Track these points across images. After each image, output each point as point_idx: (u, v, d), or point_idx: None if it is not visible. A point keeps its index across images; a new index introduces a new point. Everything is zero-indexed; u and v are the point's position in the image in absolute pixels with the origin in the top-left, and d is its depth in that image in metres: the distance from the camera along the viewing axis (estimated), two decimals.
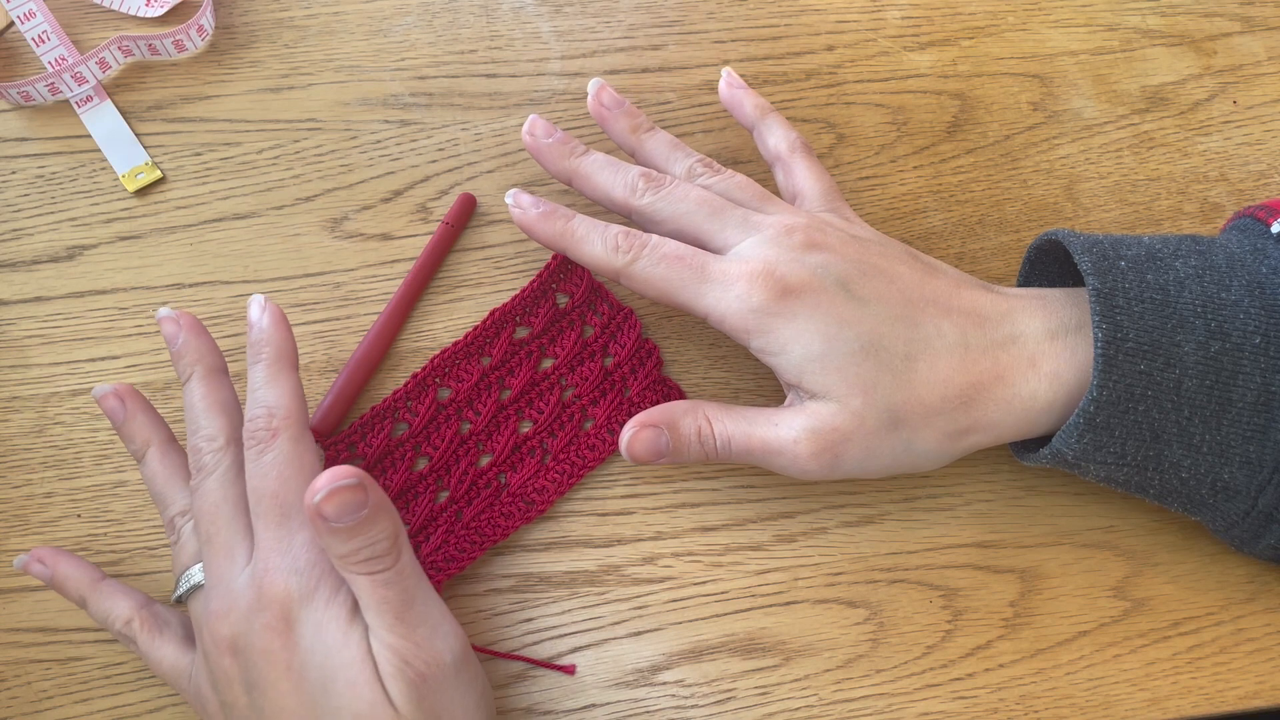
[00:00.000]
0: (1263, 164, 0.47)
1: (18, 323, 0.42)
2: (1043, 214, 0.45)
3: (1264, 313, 0.33)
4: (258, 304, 0.35)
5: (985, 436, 0.35)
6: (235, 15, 0.47)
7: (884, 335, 0.34)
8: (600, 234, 0.37)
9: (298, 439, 0.33)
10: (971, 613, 0.39)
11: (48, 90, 0.44)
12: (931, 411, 0.34)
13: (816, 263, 0.35)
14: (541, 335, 0.41)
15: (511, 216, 0.39)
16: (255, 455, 0.33)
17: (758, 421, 0.36)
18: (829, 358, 0.34)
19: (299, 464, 0.33)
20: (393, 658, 0.31)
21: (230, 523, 0.33)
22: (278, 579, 0.32)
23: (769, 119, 0.42)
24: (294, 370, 0.35)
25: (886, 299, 0.35)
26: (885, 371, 0.34)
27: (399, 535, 0.32)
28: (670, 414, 0.36)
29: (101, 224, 0.43)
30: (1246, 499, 0.34)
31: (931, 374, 0.34)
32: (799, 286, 0.34)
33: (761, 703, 0.38)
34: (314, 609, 0.31)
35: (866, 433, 0.34)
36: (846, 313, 0.34)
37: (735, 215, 0.37)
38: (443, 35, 0.47)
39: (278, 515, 0.32)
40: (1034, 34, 0.49)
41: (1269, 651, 0.39)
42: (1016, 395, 0.35)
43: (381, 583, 0.31)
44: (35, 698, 0.37)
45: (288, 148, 0.45)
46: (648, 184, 0.38)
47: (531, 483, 0.40)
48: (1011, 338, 0.35)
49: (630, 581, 0.39)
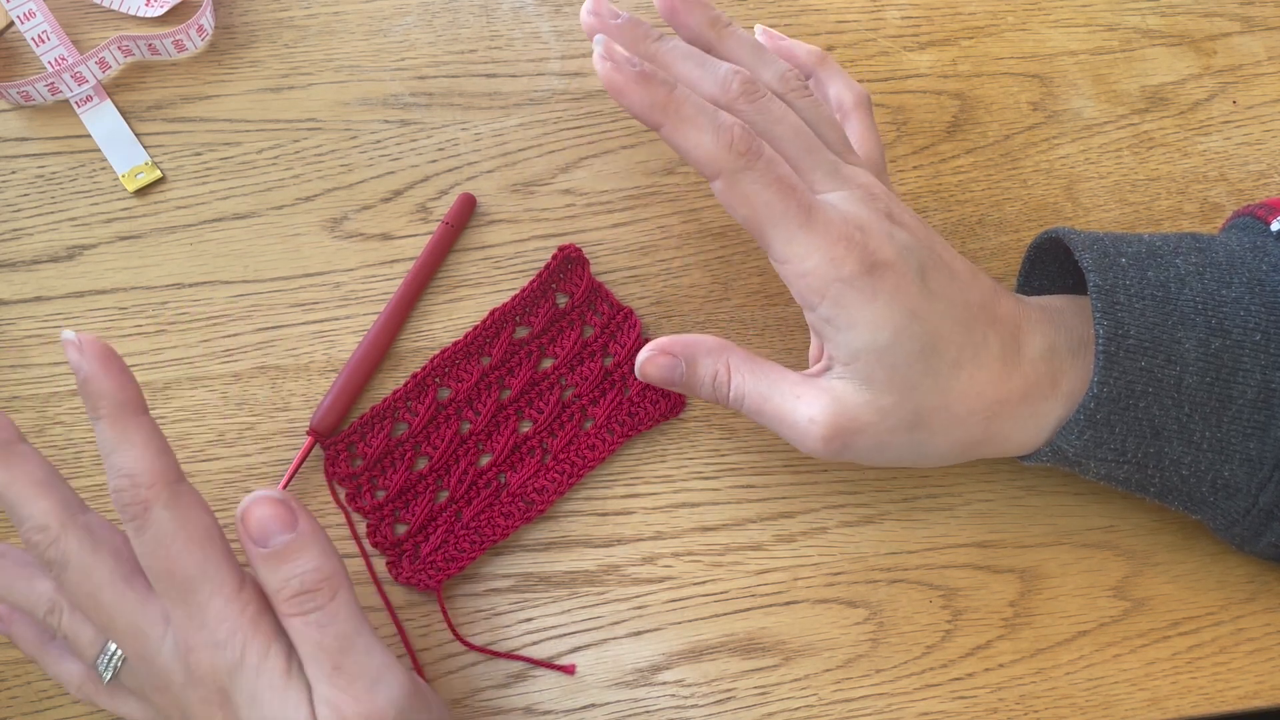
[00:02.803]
0: (1263, 164, 0.47)
1: (18, 323, 0.42)
2: (1043, 214, 0.45)
3: (1264, 310, 0.33)
4: (73, 345, 0.29)
5: (992, 450, 0.35)
6: (235, 15, 0.47)
7: (943, 338, 0.33)
8: (713, 121, 0.32)
9: (172, 502, 0.29)
10: (971, 613, 0.39)
11: (48, 90, 0.44)
12: (954, 421, 0.34)
13: (903, 242, 0.33)
14: (541, 335, 0.41)
15: (597, 70, 0.32)
16: (134, 532, 0.29)
17: (779, 387, 0.34)
18: (890, 352, 0.32)
19: (185, 531, 0.30)
20: (332, 715, 0.29)
21: (119, 604, 0.30)
22: (202, 657, 0.29)
23: (829, 66, 0.39)
24: (143, 417, 0.30)
25: (950, 296, 0.33)
26: (930, 376, 0.33)
27: (334, 573, 0.30)
28: (693, 348, 0.35)
29: (101, 224, 0.43)
30: (1247, 496, 0.34)
31: (970, 386, 0.33)
32: (886, 263, 0.32)
33: (761, 702, 0.37)
34: (245, 677, 0.29)
35: (884, 429, 0.33)
36: (919, 304, 0.32)
37: (827, 159, 0.34)
38: (443, 35, 0.47)
39: (181, 593, 0.29)
40: (1034, 34, 0.49)
41: (1269, 651, 0.39)
42: (1034, 414, 0.34)
43: (315, 624, 0.29)
44: (35, 698, 0.37)
45: (288, 148, 0.45)
46: (744, 88, 0.33)
47: (531, 483, 0.39)
48: (1041, 354, 0.34)
49: (630, 581, 0.39)
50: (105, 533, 0.31)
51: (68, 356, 0.29)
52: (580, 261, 0.42)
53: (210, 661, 0.29)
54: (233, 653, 0.29)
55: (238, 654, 0.29)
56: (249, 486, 0.39)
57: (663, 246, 0.44)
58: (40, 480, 0.31)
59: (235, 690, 0.29)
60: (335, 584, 0.30)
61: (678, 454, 0.41)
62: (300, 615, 0.29)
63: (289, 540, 0.29)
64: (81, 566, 0.30)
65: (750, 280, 0.43)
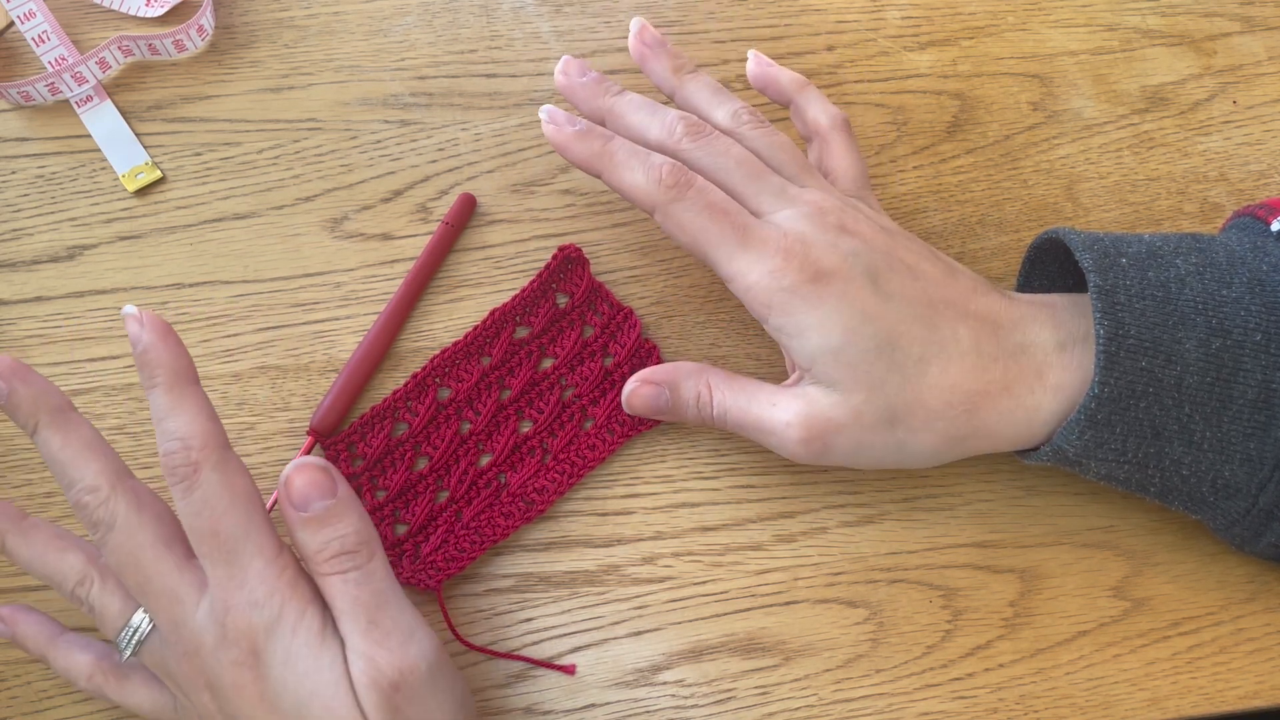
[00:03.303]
0: (1263, 164, 0.47)
1: (18, 323, 0.42)
2: (1043, 214, 0.45)
3: (1265, 310, 0.33)
4: (134, 318, 0.31)
5: (982, 444, 0.35)
6: (235, 15, 0.47)
7: (902, 335, 0.34)
8: (643, 162, 0.35)
9: (221, 465, 0.31)
10: (971, 613, 0.39)
11: (48, 90, 0.44)
12: (933, 415, 0.34)
13: (848, 249, 0.34)
14: (541, 335, 0.41)
15: (545, 134, 0.37)
16: (182, 494, 0.31)
17: (757, 398, 0.36)
18: (844, 352, 0.34)
19: (231, 493, 0.31)
20: (367, 667, 0.30)
21: (159, 565, 0.31)
22: (239, 616, 0.30)
23: (808, 92, 0.41)
24: (195, 387, 0.32)
25: (909, 297, 0.35)
26: (895, 372, 0.34)
27: (371, 538, 0.31)
28: (674, 374, 0.38)
29: (101, 224, 0.43)
30: (1247, 497, 0.34)
31: (941, 379, 0.34)
32: (829, 271, 0.34)
33: (761, 703, 0.37)
34: (280, 638, 0.30)
35: (861, 427, 0.34)
36: (870, 306, 0.34)
37: (773, 183, 0.36)
38: (443, 35, 0.47)
39: (224, 553, 0.31)
40: (1034, 34, 0.49)
41: (1269, 651, 0.39)
42: (1020, 406, 0.34)
43: (354, 582, 0.31)
44: (35, 698, 0.37)
45: (288, 148, 0.45)
46: (687, 129, 0.36)
47: (531, 483, 0.39)
48: (1022, 347, 0.35)
49: (630, 581, 0.39)
50: (149, 498, 0.33)
51: (128, 329, 0.31)
52: (580, 261, 0.42)
53: (248, 620, 0.30)
54: (271, 612, 0.30)
55: (275, 613, 0.30)
56: None
57: (663, 246, 0.44)
58: (92, 444, 0.32)
59: (269, 650, 0.30)
60: (373, 547, 0.31)
61: (678, 454, 0.41)
62: (340, 574, 0.31)
63: (330, 505, 0.31)
64: (127, 526, 0.31)
65: None
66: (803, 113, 0.41)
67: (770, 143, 0.38)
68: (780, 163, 0.37)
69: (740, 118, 0.38)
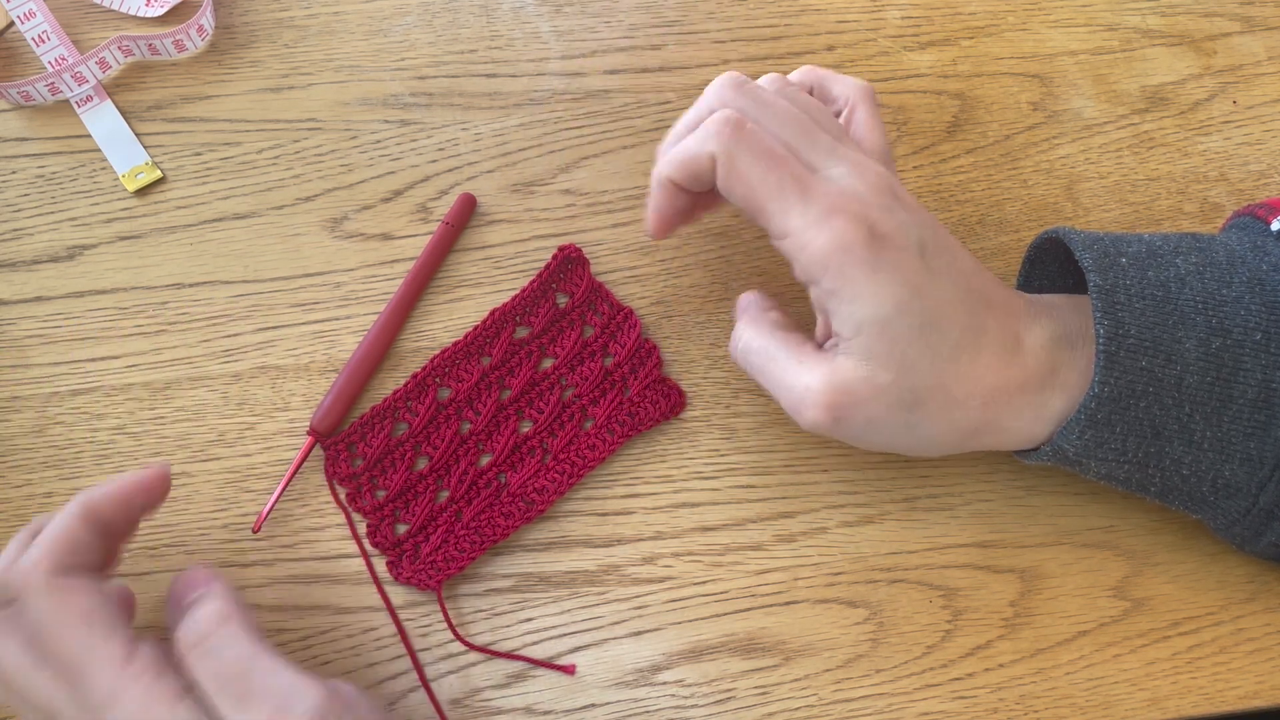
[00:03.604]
0: (1263, 164, 0.47)
1: (18, 323, 0.42)
2: (1043, 214, 0.45)
3: (1265, 309, 0.33)
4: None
5: (988, 440, 0.35)
6: (235, 15, 0.47)
7: (944, 316, 0.33)
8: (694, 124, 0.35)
9: (49, 589, 0.30)
10: (971, 613, 0.39)
11: (48, 90, 0.44)
12: (952, 404, 0.34)
13: (903, 218, 0.33)
14: (541, 335, 0.41)
15: (652, 237, 0.38)
16: (8, 623, 0.30)
17: (785, 349, 0.35)
18: (891, 324, 0.32)
19: (64, 612, 0.30)
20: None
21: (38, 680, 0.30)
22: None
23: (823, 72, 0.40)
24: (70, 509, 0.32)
25: (953, 276, 0.34)
26: (929, 354, 0.33)
27: (224, 609, 0.31)
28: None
29: (101, 224, 0.43)
30: (1247, 496, 0.34)
31: (969, 368, 0.33)
32: (886, 237, 0.32)
33: (761, 702, 0.37)
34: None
35: (880, 405, 0.33)
36: (921, 281, 0.33)
37: (824, 140, 0.34)
38: (443, 35, 0.47)
39: (70, 674, 0.29)
40: (1034, 34, 0.49)
41: (1269, 651, 0.39)
42: (1031, 403, 0.34)
43: (210, 655, 0.30)
44: None
45: (288, 148, 0.45)
46: (733, 83, 0.35)
47: (531, 483, 0.39)
48: (1041, 345, 0.34)
49: (630, 581, 0.39)
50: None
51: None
52: (580, 261, 0.42)
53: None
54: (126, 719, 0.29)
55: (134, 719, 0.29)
56: (249, 486, 0.39)
57: (663, 246, 0.44)
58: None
59: None
60: (223, 615, 0.31)
61: (678, 454, 0.41)
62: (195, 649, 0.30)
63: (198, 594, 0.31)
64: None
65: (750, 281, 0.43)
66: (828, 89, 0.39)
67: (813, 104, 0.36)
68: (825, 124, 0.36)
69: (776, 82, 0.37)
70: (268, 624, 0.38)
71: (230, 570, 0.38)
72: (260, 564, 0.39)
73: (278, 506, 0.39)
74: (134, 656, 0.30)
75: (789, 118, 0.35)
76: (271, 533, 0.39)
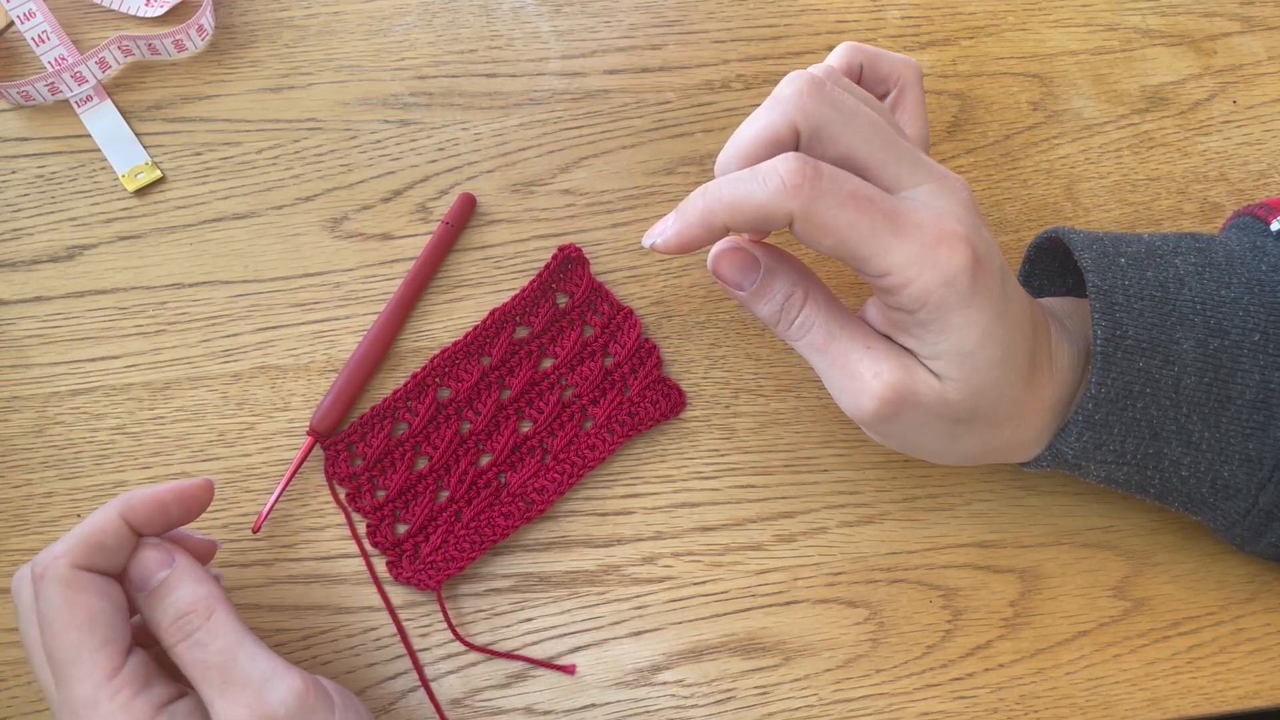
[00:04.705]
0: (1263, 164, 0.47)
1: (18, 323, 0.42)
2: (1043, 214, 0.45)
3: (1263, 310, 0.33)
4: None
5: (1006, 456, 0.35)
6: (235, 15, 0.47)
7: (1014, 344, 0.31)
8: (754, 180, 0.29)
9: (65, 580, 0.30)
10: (971, 613, 0.39)
11: (48, 90, 0.44)
12: (997, 423, 0.33)
13: (988, 237, 0.31)
14: (541, 335, 0.41)
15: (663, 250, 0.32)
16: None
17: (851, 330, 0.32)
18: (973, 357, 0.31)
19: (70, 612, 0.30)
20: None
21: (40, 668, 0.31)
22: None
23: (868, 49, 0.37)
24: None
25: (1019, 300, 0.32)
26: (1001, 383, 0.32)
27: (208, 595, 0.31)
28: (777, 260, 0.33)
29: (101, 224, 0.43)
30: (1247, 497, 0.34)
31: (1024, 393, 0.33)
32: (981, 263, 0.30)
33: (761, 703, 0.37)
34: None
35: (936, 415, 0.32)
36: (1002, 308, 0.31)
37: (907, 150, 0.31)
38: (443, 35, 0.47)
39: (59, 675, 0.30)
40: (1034, 34, 0.49)
41: (1269, 651, 0.39)
42: (1053, 422, 0.34)
43: (198, 645, 0.30)
44: (35, 697, 0.37)
45: (288, 148, 0.45)
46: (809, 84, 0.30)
47: (531, 483, 0.39)
48: (1070, 364, 0.34)
49: (630, 581, 0.39)
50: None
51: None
52: (580, 261, 0.42)
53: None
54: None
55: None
56: (249, 486, 0.39)
57: None
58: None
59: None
60: (210, 604, 0.31)
61: (678, 454, 0.41)
62: (183, 640, 0.30)
63: (165, 576, 0.31)
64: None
65: None
66: (878, 67, 0.37)
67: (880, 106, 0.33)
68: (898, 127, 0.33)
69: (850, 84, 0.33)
70: (268, 624, 0.38)
71: (230, 570, 0.38)
72: (260, 564, 0.39)
73: (277, 506, 0.39)
74: (120, 670, 0.30)
75: (873, 130, 0.31)
76: (271, 533, 0.39)
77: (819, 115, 0.30)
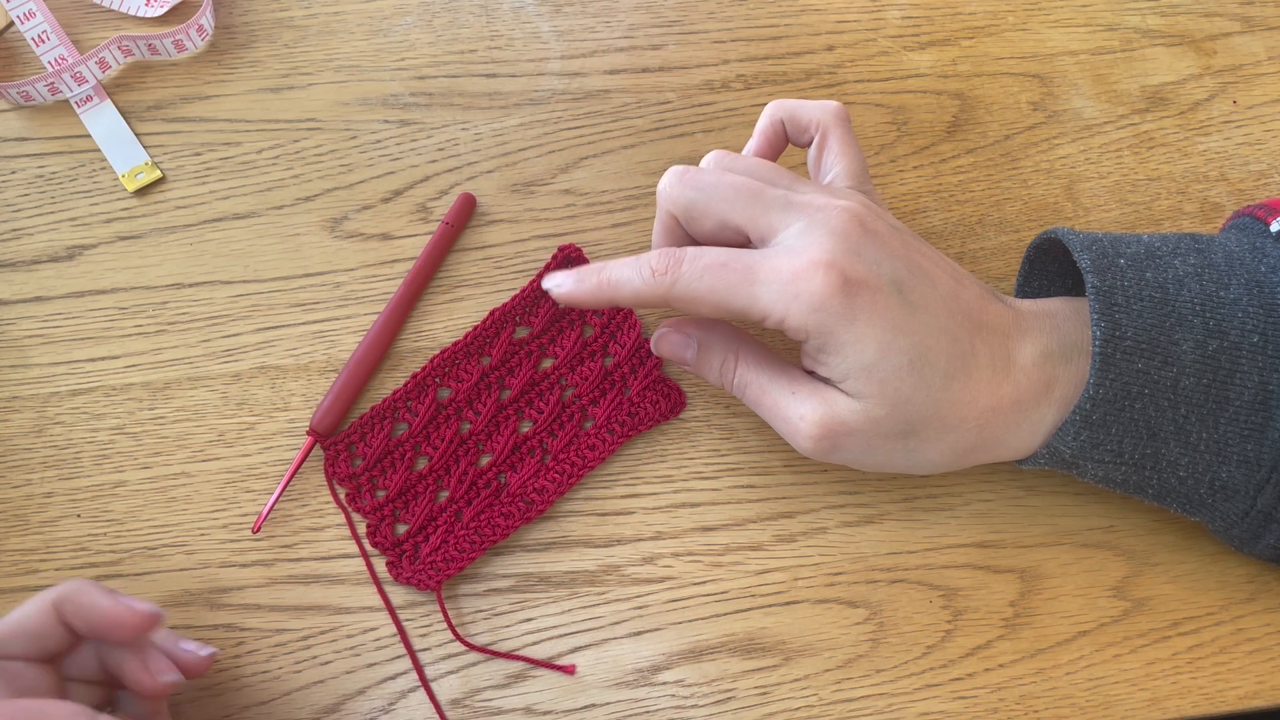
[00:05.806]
0: (1263, 164, 0.47)
1: (18, 323, 0.42)
2: (1043, 214, 0.45)
3: (1262, 311, 0.33)
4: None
5: (986, 455, 0.35)
6: (235, 15, 0.47)
7: (930, 349, 0.33)
8: (634, 267, 0.35)
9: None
10: (971, 613, 0.39)
11: (48, 90, 0.44)
12: (947, 429, 0.34)
13: (871, 257, 0.33)
14: (541, 335, 0.41)
15: (558, 299, 0.36)
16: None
17: (779, 381, 0.35)
18: (877, 369, 0.33)
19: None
20: None
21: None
22: None
23: (789, 102, 0.39)
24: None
25: (933, 307, 0.34)
26: (922, 389, 0.33)
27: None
28: (708, 332, 0.37)
29: (101, 224, 0.43)
30: (1245, 498, 0.34)
31: (961, 394, 0.34)
32: (857, 283, 0.33)
33: (761, 703, 0.37)
34: None
35: (875, 435, 0.34)
36: (900, 318, 0.33)
37: (775, 196, 0.35)
38: (442, 35, 0.47)
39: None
40: (1034, 34, 0.49)
41: (1269, 651, 0.39)
42: (1028, 419, 0.34)
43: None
44: None
45: (288, 148, 0.45)
46: (674, 177, 0.36)
47: (531, 483, 0.39)
48: (1033, 361, 0.34)
49: (630, 581, 0.39)
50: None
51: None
52: (580, 261, 0.42)
53: None
54: None
55: None
56: (249, 486, 0.40)
57: None
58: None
59: None
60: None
61: (678, 454, 0.41)
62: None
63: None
64: None
65: None
66: (798, 116, 0.39)
67: (754, 164, 0.37)
68: (771, 178, 0.36)
69: (717, 158, 0.37)
70: (267, 624, 0.38)
71: (230, 570, 0.39)
72: (260, 564, 0.39)
73: (277, 507, 0.39)
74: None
75: (735, 194, 0.35)
76: (271, 533, 0.39)
77: (684, 199, 0.35)
